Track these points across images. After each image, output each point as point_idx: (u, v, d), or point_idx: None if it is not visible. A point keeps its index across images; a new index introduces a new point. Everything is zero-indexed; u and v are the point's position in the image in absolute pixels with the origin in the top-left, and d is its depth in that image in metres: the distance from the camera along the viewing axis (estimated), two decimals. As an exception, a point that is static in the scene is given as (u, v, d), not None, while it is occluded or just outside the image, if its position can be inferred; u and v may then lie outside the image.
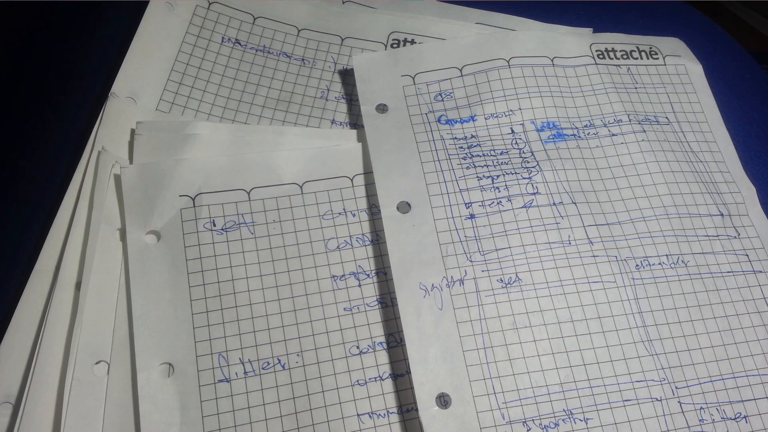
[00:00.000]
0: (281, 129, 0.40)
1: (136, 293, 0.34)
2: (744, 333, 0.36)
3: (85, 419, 0.31)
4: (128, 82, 0.40)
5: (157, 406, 0.32)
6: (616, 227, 0.38)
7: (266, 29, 0.44)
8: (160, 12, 0.43)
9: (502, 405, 0.33)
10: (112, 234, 0.36)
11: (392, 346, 0.35)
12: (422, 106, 0.41)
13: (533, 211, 0.37)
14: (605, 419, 0.33)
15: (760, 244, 0.39)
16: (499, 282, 0.35)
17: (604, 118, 0.42)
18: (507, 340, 0.34)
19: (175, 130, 0.38)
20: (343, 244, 0.37)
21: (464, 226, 0.37)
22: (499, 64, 0.42)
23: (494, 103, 0.41)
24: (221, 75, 0.42)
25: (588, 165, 0.40)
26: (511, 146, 0.40)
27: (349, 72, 0.43)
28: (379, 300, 0.36)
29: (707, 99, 0.44)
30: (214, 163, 0.37)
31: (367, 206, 0.38)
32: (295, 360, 0.34)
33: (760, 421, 0.34)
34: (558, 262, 0.36)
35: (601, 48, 0.45)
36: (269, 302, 0.35)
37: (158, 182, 0.36)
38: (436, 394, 0.33)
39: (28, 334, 0.33)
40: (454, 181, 0.38)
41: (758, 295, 0.38)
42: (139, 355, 0.33)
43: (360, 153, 0.39)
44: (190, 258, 0.35)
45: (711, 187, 0.40)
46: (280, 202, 0.37)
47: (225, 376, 0.33)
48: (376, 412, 0.33)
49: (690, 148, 0.42)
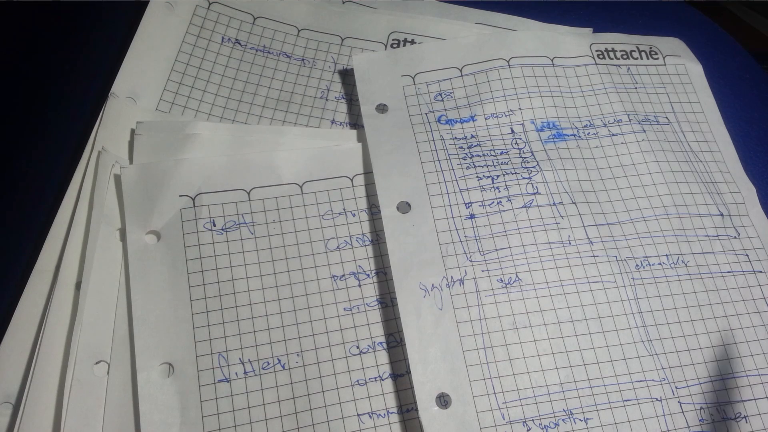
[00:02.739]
0: (281, 129, 0.40)
1: (136, 293, 0.34)
2: (744, 333, 0.36)
3: (85, 419, 0.31)
4: (128, 82, 0.40)
5: (157, 406, 0.32)
6: (616, 227, 0.38)
7: (266, 29, 0.44)
8: (160, 12, 0.43)
9: (502, 405, 0.33)
10: (112, 234, 0.36)
11: (392, 346, 0.35)
12: (422, 106, 0.41)
13: (533, 211, 0.37)
14: (605, 419, 0.33)
15: (760, 244, 0.39)
16: (499, 282, 0.35)
17: (604, 118, 0.42)
18: (507, 340, 0.34)
19: (175, 130, 0.38)
20: (343, 244, 0.37)
21: (464, 226, 0.37)
22: (499, 64, 0.42)
23: (494, 103, 0.41)
24: (221, 75, 0.42)
25: (588, 165, 0.40)
26: (511, 146, 0.40)
27: (349, 72, 0.43)
28: (379, 300, 0.36)
29: (707, 99, 0.44)
30: (214, 163, 0.37)
31: (367, 206, 0.38)
32: (295, 360, 0.34)
33: (760, 421, 0.34)
34: (558, 262, 0.36)
35: (601, 48, 0.45)
36: (269, 302, 0.35)
37: (158, 182, 0.36)
38: (436, 394, 0.33)
39: (28, 334, 0.33)
40: (454, 181, 0.38)
41: (758, 295, 0.38)
42: (139, 355, 0.33)
43: (360, 153, 0.39)
44: (190, 258, 0.35)
45: (711, 187, 0.40)
46: (280, 202, 0.37)
47: (225, 376, 0.33)
48: (376, 412, 0.33)
49: (690, 148, 0.42)
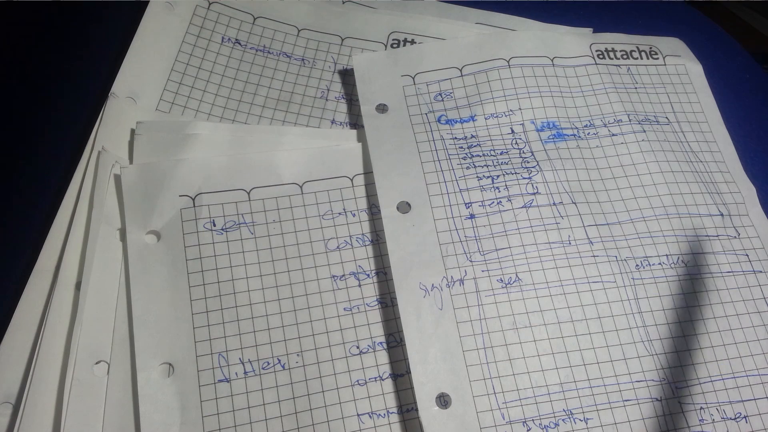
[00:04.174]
0: (281, 129, 0.40)
1: (136, 293, 0.34)
2: (744, 333, 0.36)
3: (85, 419, 0.31)
4: (128, 82, 0.40)
5: (157, 406, 0.32)
6: (616, 227, 0.38)
7: (266, 29, 0.44)
8: (160, 12, 0.43)
9: (502, 405, 0.33)
10: (112, 234, 0.36)
11: (392, 346, 0.35)
12: (422, 106, 0.41)
13: (533, 211, 0.37)
14: (605, 419, 0.33)
15: (760, 244, 0.39)
16: (499, 282, 0.35)
17: (604, 118, 0.42)
18: (507, 340, 0.34)
19: (175, 130, 0.38)
20: (343, 244, 0.37)
21: (464, 226, 0.37)
22: (499, 64, 0.42)
23: (494, 103, 0.41)
24: (221, 75, 0.42)
25: (588, 165, 0.40)
26: (511, 146, 0.40)
27: (349, 72, 0.43)
28: (379, 300, 0.36)
29: (707, 99, 0.44)
30: (214, 163, 0.37)
31: (367, 206, 0.38)
32: (295, 360, 0.34)
33: (760, 421, 0.34)
34: (558, 262, 0.36)
35: (601, 48, 0.45)
36: (269, 302, 0.35)
37: (158, 182, 0.36)
38: (436, 394, 0.33)
39: (28, 334, 0.33)
40: (454, 181, 0.38)
41: (758, 295, 0.38)
42: (139, 355, 0.33)
43: (360, 153, 0.39)
44: (190, 258, 0.35)
45: (711, 187, 0.40)
46: (280, 202, 0.37)
47: (225, 376, 0.33)
48: (376, 412, 0.33)
49: (690, 148, 0.42)
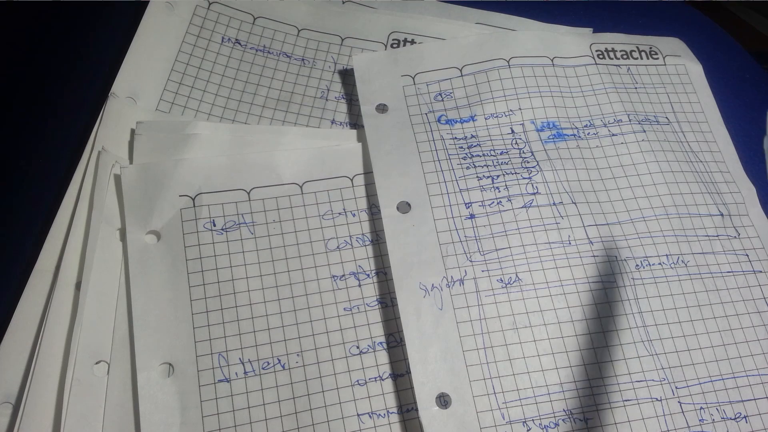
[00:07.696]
0: (281, 129, 0.40)
1: (136, 293, 0.34)
2: (744, 333, 0.36)
3: (85, 419, 0.31)
4: (128, 82, 0.40)
5: (157, 406, 0.32)
6: (616, 227, 0.38)
7: (266, 29, 0.44)
8: (160, 12, 0.43)
9: (502, 405, 0.33)
10: (112, 234, 0.36)
11: (392, 346, 0.35)
12: (422, 106, 0.41)
13: (533, 211, 0.37)
14: (605, 419, 0.33)
15: (760, 244, 0.39)
16: (499, 282, 0.35)
17: (604, 118, 0.42)
18: (507, 340, 0.34)
19: (175, 130, 0.38)
20: (343, 244, 0.37)
21: (464, 226, 0.37)
22: (499, 64, 0.42)
23: (494, 103, 0.41)
24: (221, 75, 0.42)
25: (588, 165, 0.40)
26: (511, 146, 0.40)
27: (349, 72, 0.43)
28: (379, 300, 0.36)
29: (707, 99, 0.44)
30: (214, 163, 0.37)
31: (367, 206, 0.38)
32: (295, 360, 0.34)
33: (760, 421, 0.34)
34: (558, 262, 0.36)
35: (601, 48, 0.45)
36: (269, 302, 0.35)
37: (158, 182, 0.36)
38: (436, 394, 0.33)
39: (28, 334, 0.33)
40: (454, 181, 0.38)
41: (758, 295, 0.38)
42: (139, 355, 0.33)
43: (360, 153, 0.39)
44: (190, 258, 0.35)
45: (711, 187, 0.40)
46: (280, 202, 0.37)
47: (225, 376, 0.33)
48: (376, 412, 0.33)
49: (690, 148, 0.42)
